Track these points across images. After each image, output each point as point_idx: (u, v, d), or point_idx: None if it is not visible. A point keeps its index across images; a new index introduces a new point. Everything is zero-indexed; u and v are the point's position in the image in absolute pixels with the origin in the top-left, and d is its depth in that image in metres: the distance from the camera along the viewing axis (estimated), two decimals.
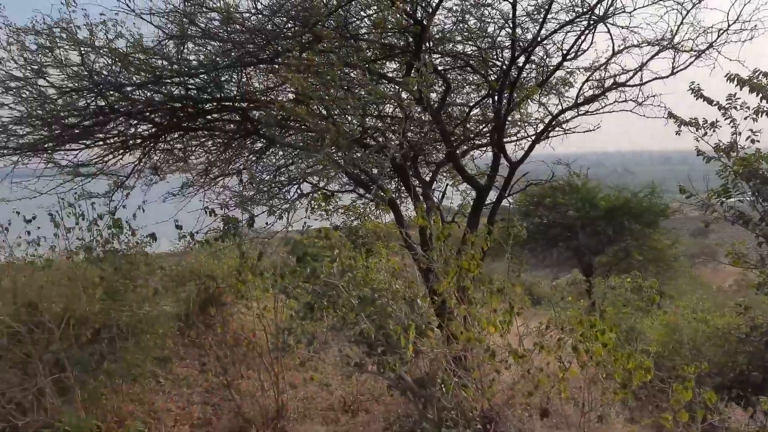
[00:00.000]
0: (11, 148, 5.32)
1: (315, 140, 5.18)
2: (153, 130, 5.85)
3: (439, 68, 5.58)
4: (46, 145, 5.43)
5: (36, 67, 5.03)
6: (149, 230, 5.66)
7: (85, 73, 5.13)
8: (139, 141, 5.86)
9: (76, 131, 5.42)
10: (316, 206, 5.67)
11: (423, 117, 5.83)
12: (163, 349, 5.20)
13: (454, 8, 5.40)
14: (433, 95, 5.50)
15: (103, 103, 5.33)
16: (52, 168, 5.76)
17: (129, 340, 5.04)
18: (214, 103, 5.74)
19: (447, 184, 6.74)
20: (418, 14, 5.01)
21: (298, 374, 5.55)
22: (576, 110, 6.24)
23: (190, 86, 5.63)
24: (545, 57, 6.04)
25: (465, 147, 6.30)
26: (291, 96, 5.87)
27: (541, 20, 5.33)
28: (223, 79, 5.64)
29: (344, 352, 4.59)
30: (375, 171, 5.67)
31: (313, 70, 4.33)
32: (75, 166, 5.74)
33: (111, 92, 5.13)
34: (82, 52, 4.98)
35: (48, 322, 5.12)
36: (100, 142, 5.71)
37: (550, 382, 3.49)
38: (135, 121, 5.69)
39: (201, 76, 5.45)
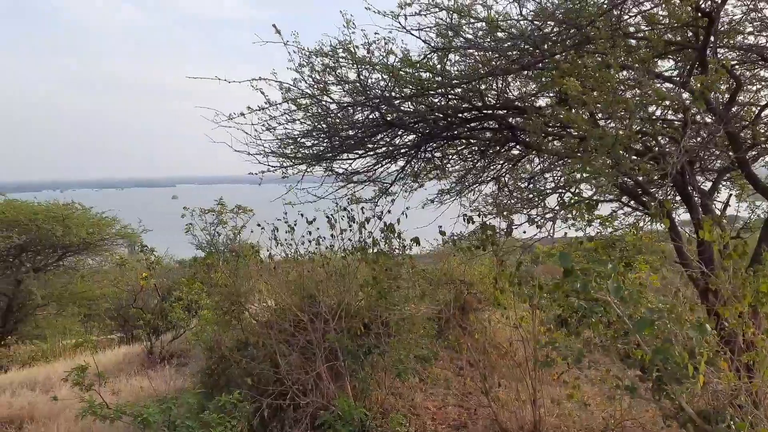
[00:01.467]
0: (299, 158, 6.04)
1: (581, 146, 4.96)
2: (416, 139, 6.16)
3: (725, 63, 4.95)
4: (326, 155, 6.05)
5: (321, 85, 5.64)
6: (410, 234, 6.00)
7: (360, 88, 5.61)
8: (403, 150, 6.22)
9: (351, 142, 5.95)
10: (578, 216, 5.43)
11: (702, 119, 5.23)
12: (424, 348, 5.42)
13: None
14: (717, 95, 4.90)
15: (374, 116, 5.78)
16: (330, 175, 6.41)
17: (393, 337, 5.37)
18: (474, 112, 5.85)
19: (730, 194, 5.97)
20: (704, 5, 4.50)
21: (555, 389, 5.38)
22: None
23: (451, 96, 5.83)
24: None
25: (754, 152, 5.51)
26: (551, 101, 5.74)
27: None
28: (483, 87, 5.74)
29: (612, 372, 4.30)
30: (641, 178, 5.25)
31: (584, 73, 4.15)
32: (348, 174, 6.30)
33: (382, 105, 5.52)
34: (359, 69, 5.45)
35: (324, 314, 5.71)
36: (371, 152, 6.18)
37: None
38: (401, 132, 6.06)
39: (462, 85, 5.61)
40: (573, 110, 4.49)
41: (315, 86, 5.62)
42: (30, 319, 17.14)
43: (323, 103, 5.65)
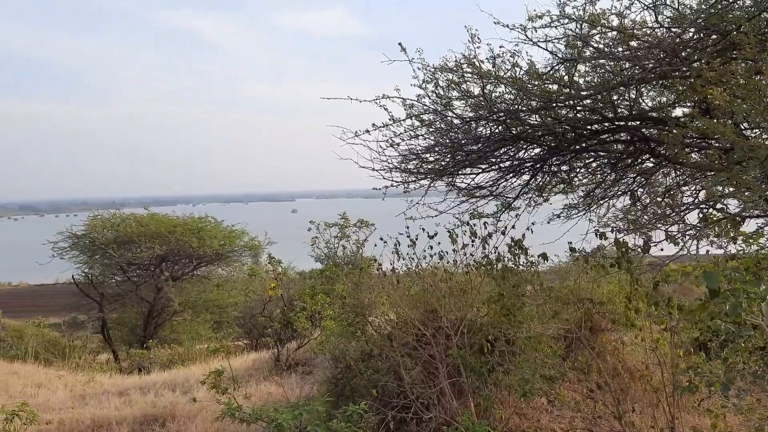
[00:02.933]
0: (422, 173, 6.10)
1: (724, 159, 4.62)
2: (542, 153, 6.03)
3: None
4: (449, 170, 6.06)
5: (445, 100, 5.68)
6: (535, 251, 5.86)
7: (484, 102, 5.58)
8: (528, 164, 6.11)
9: (474, 156, 5.93)
10: (723, 233, 5.04)
11: None
12: (551, 368, 5.26)
13: None
14: None
15: (498, 130, 5.73)
16: (451, 190, 6.41)
17: (519, 356, 5.25)
18: (605, 124, 5.64)
19: None
20: None
21: (695, 418, 5.01)
22: None
23: (579, 108, 5.65)
24: None
25: None
26: (689, 111, 5.41)
27: None
28: (614, 97, 5.51)
29: (763, 402, 3.95)
30: None
31: (732, 81, 3.87)
32: (471, 189, 6.28)
33: (507, 119, 5.45)
34: (484, 83, 5.43)
35: (446, 329, 5.70)
36: (494, 166, 6.12)
37: None
38: (526, 145, 5.95)
39: (592, 96, 5.42)
40: (716, 120, 4.20)
41: (439, 102, 5.67)
42: (168, 324, 18.57)
43: (447, 118, 5.68)
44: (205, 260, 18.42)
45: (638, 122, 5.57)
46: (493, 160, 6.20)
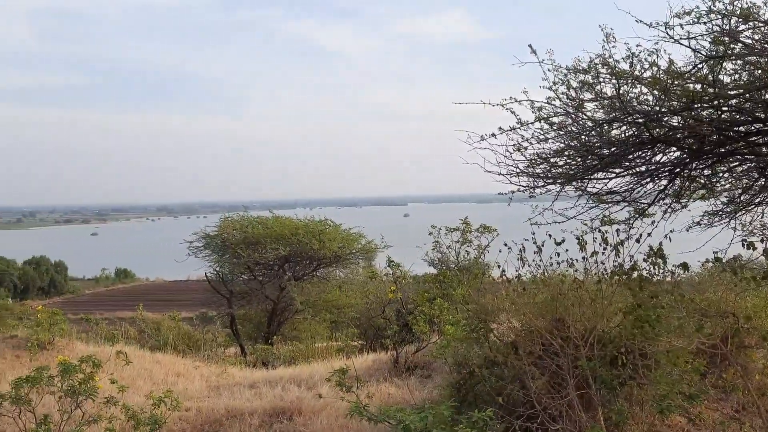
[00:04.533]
0: (550, 178, 5.96)
1: None
2: (681, 156, 5.69)
3: None
4: (579, 175, 5.88)
5: (576, 102, 5.51)
6: (671, 260, 5.53)
7: (619, 104, 5.35)
8: (667, 168, 5.78)
9: (607, 160, 5.70)
10: None
11: None
12: (691, 384, 4.94)
13: None
14: None
15: (634, 132, 5.47)
16: (581, 195, 6.21)
17: (655, 370, 4.98)
18: (754, 125, 5.22)
19: None
20: None
21: None
22: None
23: (725, 108, 5.28)
24: None
25: None
26: None
27: None
28: (766, 97, 5.09)
29: None
30: None
31: None
32: (603, 194, 6.04)
33: (646, 120, 5.20)
34: (620, 83, 5.21)
35: (575, 339, 5.51)
36: (629, 171, 5.86)
37: None
38: (664, 148, 5.64)
39: (740, 95, 5.05)
40: None
41: (570, 104, 5.52)
42: (289, 322, 19.41)
43: (579, 120, 5.51)
44: (324, 262, 19.08)
45: None
46: (627, 164, 5.94)
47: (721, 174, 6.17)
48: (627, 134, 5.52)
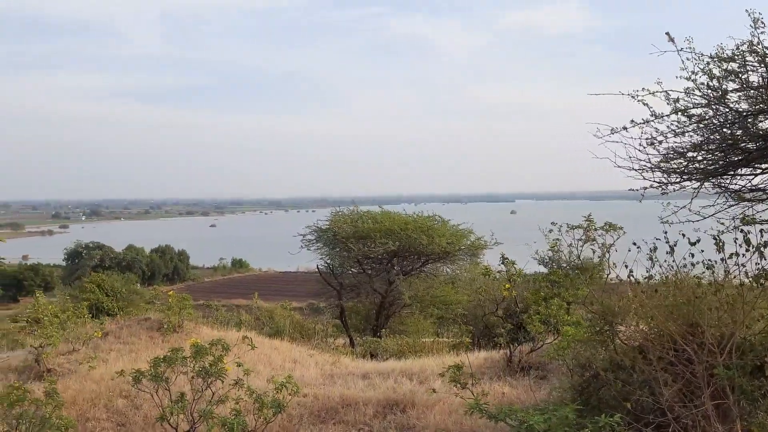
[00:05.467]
0: (687, 174, 5.59)
1: None
2: None
3: None
4: (720, 170, 5.47)
5: (718, 93, 5.13)
6: None
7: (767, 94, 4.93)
8: None
9: (753, 155, 5.27)
10: None
11: None
12: None
13: None
14: None
15: None
16: (720, 192, 5.78)
17: None
18: None
19: None
20: None
21: None
22: None
23: None
24: None
25: None
26: None
27: None
28: None
29: None
30: None
31: None
32: (746, 191, 5.59)
33: None
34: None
35: (710, 345, 5.14)
36: None
37: None
38: None
39: None
40: None
41: (711, 94, 5.15)
42: (397, 316, 19.62)
43: (722, 112, 5.13)
44: (432, 257, 19.10)
45: None
46: None
47: None
48: None
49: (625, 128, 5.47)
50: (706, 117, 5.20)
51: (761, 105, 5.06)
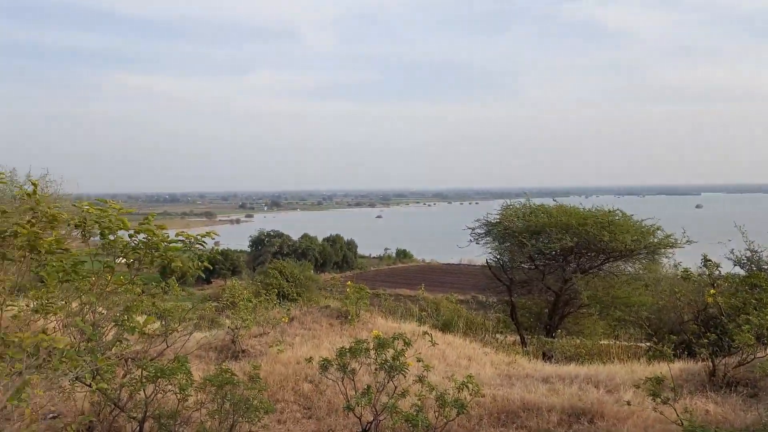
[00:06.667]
0: None
1: None
2: None
3: None
4: None
5: None
6: None
7: None
8: None
9: None
10: None
11: None
12: None
13: None
14: None
15: None
16: None
17: None
18: None
19: None
20: None
21: None
22: None
23: None
24: None
25: None
26: None
27: None
28: None
29: None
30: None
31: None
32: None
33: None
34: None
35: None
36: None
37: None
38: None
39: None
40: None
41: None
42: (572, 316, 18.62)
43: None
44: (613, 255, 17.80)
45: None
46: None
47: None
48: None
49: None
50: None
51: None
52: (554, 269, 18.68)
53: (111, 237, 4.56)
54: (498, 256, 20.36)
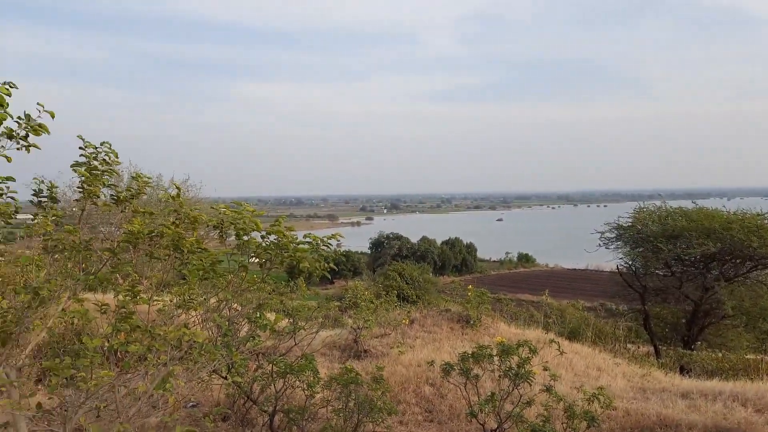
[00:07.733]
0: None
1: None
2: None
3: None
4: None
5: None
6: None
7: None
8: None
9: None
10: None
11: None
12: None
13: None
14: None
15: None
16: None
17: None
18: None
19: None
20: None
21: None
22: None
23: None
24: None
25: None
26: None
27: None
28: None
29: None
30: None
31: None
32: None
33: None
34: None
35: None
36: None
37: None
38: None
39: None
40: None
41: None
42: (713, 328, 17.13)
43: None
44: (762, 262, 16.12)
45: None
46: None
47: None
48: None
49: None
50: None
51: None
52: (693, 277, 17.26)
53: (245, 238, 4.78)
54: (630, 262, 19.18)
